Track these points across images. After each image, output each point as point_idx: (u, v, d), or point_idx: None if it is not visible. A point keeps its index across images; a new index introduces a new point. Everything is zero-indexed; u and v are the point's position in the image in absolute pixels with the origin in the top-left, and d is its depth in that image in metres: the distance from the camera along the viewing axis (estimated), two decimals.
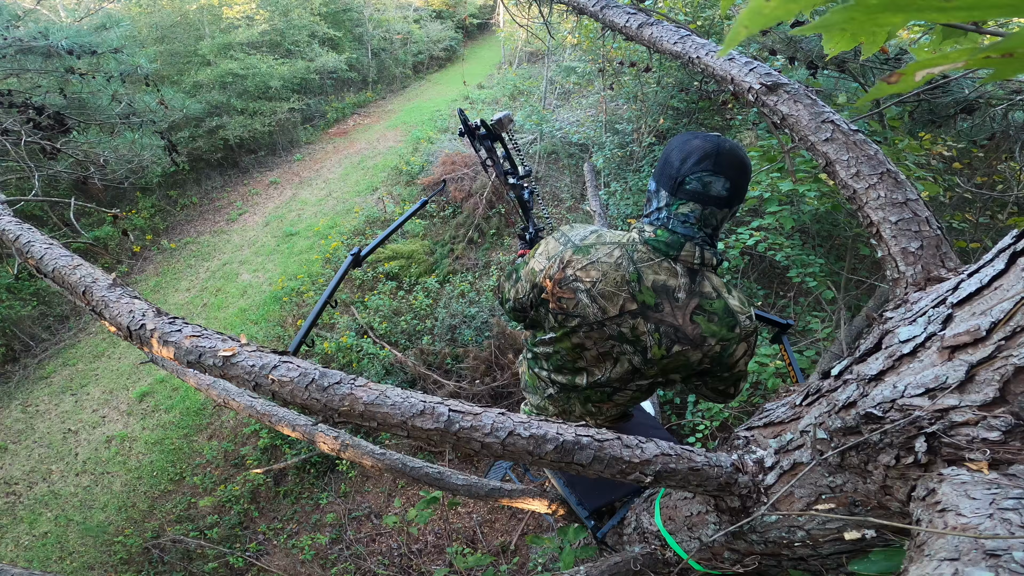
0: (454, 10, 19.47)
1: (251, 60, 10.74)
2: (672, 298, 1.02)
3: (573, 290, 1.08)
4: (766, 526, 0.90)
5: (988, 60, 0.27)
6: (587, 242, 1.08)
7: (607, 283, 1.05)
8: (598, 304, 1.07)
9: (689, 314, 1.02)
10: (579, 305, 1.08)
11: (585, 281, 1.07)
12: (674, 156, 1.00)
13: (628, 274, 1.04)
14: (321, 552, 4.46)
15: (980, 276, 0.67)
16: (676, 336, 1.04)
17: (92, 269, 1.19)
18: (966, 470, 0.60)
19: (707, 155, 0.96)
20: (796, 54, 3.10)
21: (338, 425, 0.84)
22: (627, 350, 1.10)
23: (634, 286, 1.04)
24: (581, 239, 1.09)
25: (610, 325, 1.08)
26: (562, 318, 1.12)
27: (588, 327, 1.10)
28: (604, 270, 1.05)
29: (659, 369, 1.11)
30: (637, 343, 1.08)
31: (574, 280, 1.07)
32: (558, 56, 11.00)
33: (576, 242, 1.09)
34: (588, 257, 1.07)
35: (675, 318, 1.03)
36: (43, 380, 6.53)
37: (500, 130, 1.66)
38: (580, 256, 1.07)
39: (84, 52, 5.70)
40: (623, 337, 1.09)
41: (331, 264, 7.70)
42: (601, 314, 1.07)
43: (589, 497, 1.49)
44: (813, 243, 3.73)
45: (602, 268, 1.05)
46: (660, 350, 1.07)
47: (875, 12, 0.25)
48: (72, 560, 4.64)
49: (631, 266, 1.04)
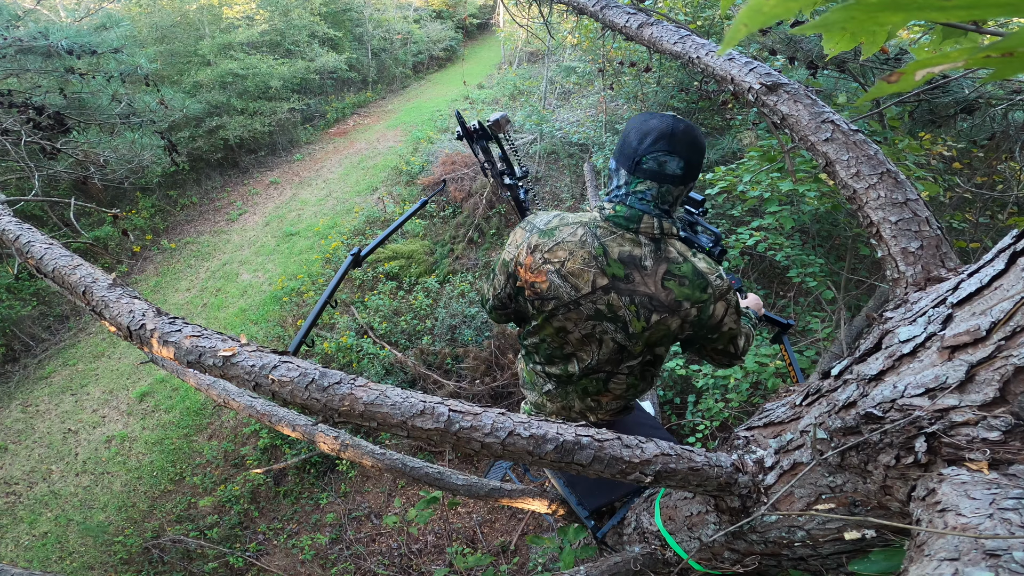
0: (454, 10, 19.48)
1: (251, 60, 10.74)
2: (640, 267, 1.05)
3: (544, 272, 1.11)
4: (766, 526, 0.90)
5: (988, 59, 0.27)
6: (551, 225, 1.11)
7: (575, 261, 1.08)
8: (569, 283, 1.09)
9: (660, 280, 1.05)
10: (552, 287, 1.11)
11: (554, 262, 1.10)
12: (632, 136, 1.03)
13: (594, 249, 1.07)
14: (321, 552, 4.46)
15: (980, 276, 0.67)
16: (652, 305, 1.06)
17: (92, 269, 1.19)
18: (966, 470, 0.60)
19: (662, 135, 0.99)
20: (796, 54, 3.10)
21: (338, 425, 0.84)
22: (608, 328, 1.12)
23: (601, 260, 1.06)
24: (545, 223, 1.13)
25: (585, 303, 1.10)
26: (539, 303, 1.15)
27: (565, 308, 1.13)
28: (570, 249, 1.08)
29: (644, 343, 1.13)
30: (616, 319, 1.10)
31: (544, 263, 1.10)
32: (558, 56, 11.00)
33: (540, 227, 1.13)
34: (553, 239, 1.10)
35: (647, 286, 1.06)
36: (43, 380, 6.53)
37: (497, 131, 1.66)
38: (546, 239, 1.11)
39: (84, 52, 5.69)
40: (601, 315, 1.11)
41: (331, 264, 7.70)
42: (574, 292, 1.10)
43: (589, 497, 1.49)
44: (813, 243, 3.73)
45: (568, 247, 1.08)
46: (640, 322, 1.08)
47: (875, 11, 0.25)
48: (72, 560, 4.64)
49: (595, 241, 1.07)
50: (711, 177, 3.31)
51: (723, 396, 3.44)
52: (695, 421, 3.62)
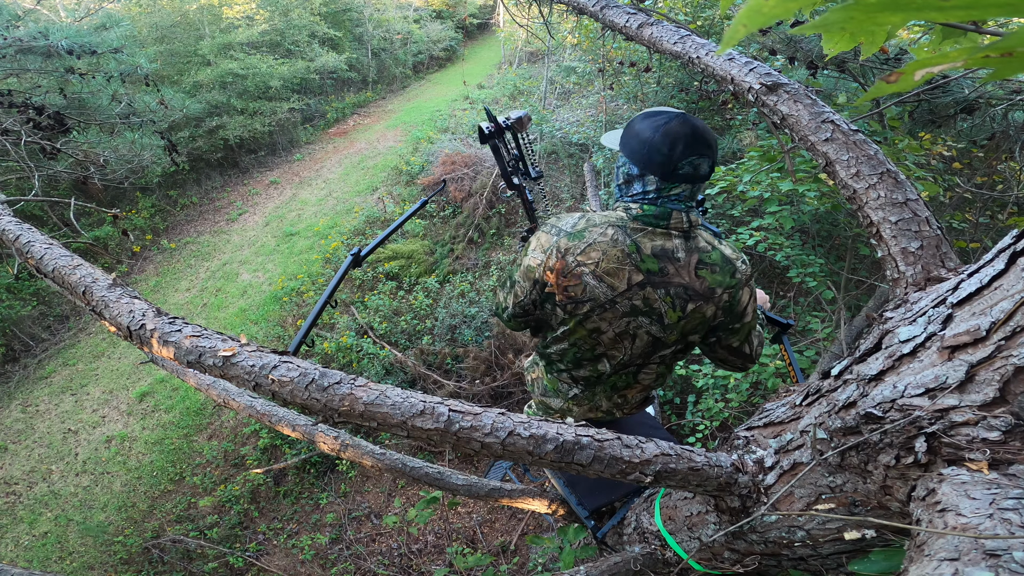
0: (454, 10, 19.48)
1: (251, 60, 10.74)
2: (673, 259, 1.08)
3: (578, 275, 1.09)
4: (766, 526, 0.90)
5: (987, 59, 0.27)
6: (578, 227, 1.10)
7: (609, 260, 1.07)
8: (605, 283, 1.08)
9: (693, 270, 1.08)
10: (587, 289, 1.10)
11: (588, 264, 1.08)
12: (659, 142, 1.02)
13: (626, 247, 1.07)
14: (321, 552, 4.46)
15: (980, 276, 0.67)
16: (687, 294, 1.09)
17: (92, 269, 1.19)
18: (966, 470, 0.60)
19: (692, 139, 1.01)
20: (796, 54, 3.10)
21: (338, 425, 0.84)
22: (643, 323, 1.12)
23: (635, 257, 1.07)
24: (572, 226, 1.11)
25: (621, 301, 1.10)
26: (572, 307, 1.13)
27: (600, 308, 1.11)
28: (603, 249, 1.07)
29: (678, 333, 1.14)
30: (652, 312, 1.11)
31: (577, 265, 1.09)
32: (558, 56, 11.00)
33: (567, 229, 1.11)
34: (584, 240, 1.09)
35: (681, 277, 1.08)
36: (43, 380, 6.53)
37: (519, 129, 1.63)
38: (576, 241, 1.09)
39: (84, 52, 5.69)
40: (636, 310, 1.11)
41: (331, 264, 7.70)
42: (610, 291, 1.09)
43: (589, 497, 1.49)
44: (813, 243, 3.73)
45: (600, 247, 1.07)
46: (675, 312, 1.10)
47: (874, 11, 0.25)
48: (72, 560, 4.64)
49: (627, 239, 1.07)
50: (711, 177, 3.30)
51: (723, 396, 3.45)
52: (695, 421, 3.62)
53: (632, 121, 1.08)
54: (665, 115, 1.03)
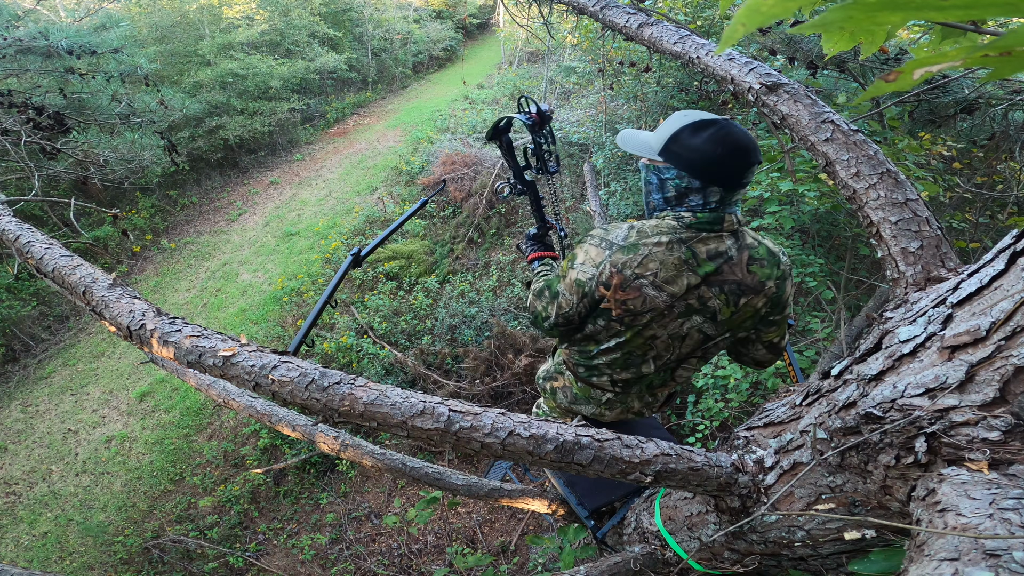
0: (454, 10, 19.48)
1: (251, 60, 10.74)
2: (727, 259, 1.10)
3: (637, 288, 1.09)
4: (766, 526, 0.90)
5: (986, 59, 0.27)
6: (631, 240, 1.10)
7: (667, 269, 1.08)
8: (665, 291, 1.10)
9: (745, 267, 1.11)
10: (646, 300, 1.10)
11: (646, 276, 1.09)
12: (725, 157, 1.03)
13: (682, 254, 1.08)
14: (321, 552, 4.46)
15: (980, 276, 0.67)
16: (740, 290, 1.12)
17: (92, 269, 1.19)
18: (966, 470, 0.60)
19: (750, 149, 1.04)
20: (796, 54, 3.10)
21: (338, 425, 0.84)
22: (697, 321, 1.14)
23: (691, 263, 1.09)
24: (623, 238, 1.10)
25: (678, 304, 1.12)
26: (629, 319, 1.13)
27: (659, 315, 1.13)
28: (660, 258, 1.08)
29: (728, 327, 1.17)
30: (706, 310, 1.13)
31: (635, 278, 1.09)
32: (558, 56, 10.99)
33: (619, 242, 1.10)
34: (639, 252, 1.08)
35: (735, 274, 1.11)
36: (43, 380, 6.53)
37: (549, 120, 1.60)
38: (631, 254, 1.08)
39: (84, 52, 5.69)
40: (691, 309, 1.12)
41: (331, 264, 7.70)
42: (669, 299, 1.10)
43: (589, 497, 1.49)
44: (813, 243, 3.73)
45: (657, 257, 1.08)
46: (728, 308, 1.13)
47: (874, 11, 0.25)
48: (72, 560, 4.64)
49: (682, 247, 1.09)
50: None
51: (723, 396, 3.44)
52: (695, 421, 3.62)
53: (680, 134, 1.06)
54: (717, 126, 1.03)
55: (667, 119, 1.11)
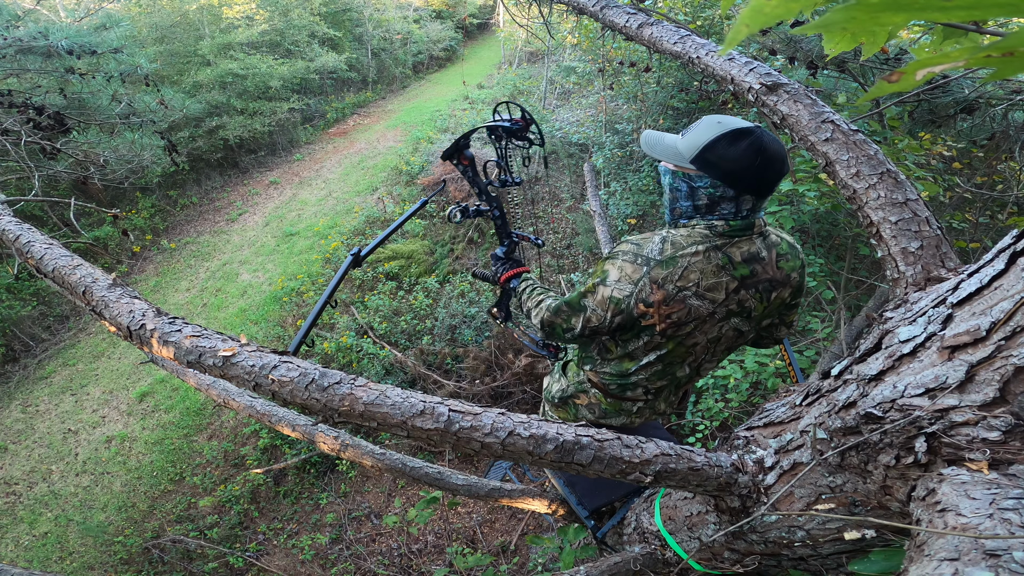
0: (454, 10, 19.48)
1: (251, 60, 10.74)
2: (760, 259, 1.13)
3: (682, 300, 1.08)
4: (766, 526, 0.90)
5: (989, 59, 0.27)
6: (667, 253, 1.08)
7: (707, 277, 1.09)
8: (707, 299, 1.10)
9: (775, 264, 1.15)
10: (691, 311, 1.10)
11: (688, 287, 1.08)
12: (763, 173, 1.04)
13: (719, 261, 1.09)
14: (321, 552, 4.46)
15: (980, 276, 0.67)
16: (772, 286, 1.16)
17: (92, 269, 1.19)
18: (966, 470, 0.60)
19: (783, 157, 1.05)
20: (796, 54, 3.10)
21: (338, 425, 0.84)
22: (734, 322, 1.17)
23: (729, 268, 1.10)
24: (659, 252, 1.09)
25: (719, 310, 1.13)
26: (672, 331, 1.13)
27: (702, 323, 1.14)
28: (699, 268, 1.08)
29: (760, 321, 1.21)
30: (743, 311, 1.16)
31: (678, 292, 1.08)
32: (558, 56, 11.00)
33: (656, 256, 1.08)
34: (679, 265, 1.07)
35: (767, 273, 1.14)
36: (43, 380, 6.53)
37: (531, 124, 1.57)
38: (671, 268, 1.07)
39: (84, 52, 5.69)
40: (731, 313, 1.15)
41: (331, 264, 7.70)
42: (712, 306, 1.11)
43: (589, 497, 1.49)
44: (813, 243, 3.73)
45: (697, 268, 1.08)
46: (762, 304, 1.17)
47: (876, 11, 0.25)
48: (72, 560, 4.64)
49: (718, 253, 1.09)
50: None
51: (723, 396, 3.45)
52: (695, 421, 3.62)
53: (716, 144, 1.04)
54: (754, 136, 1.02)
55: (697, 124, 1.10)
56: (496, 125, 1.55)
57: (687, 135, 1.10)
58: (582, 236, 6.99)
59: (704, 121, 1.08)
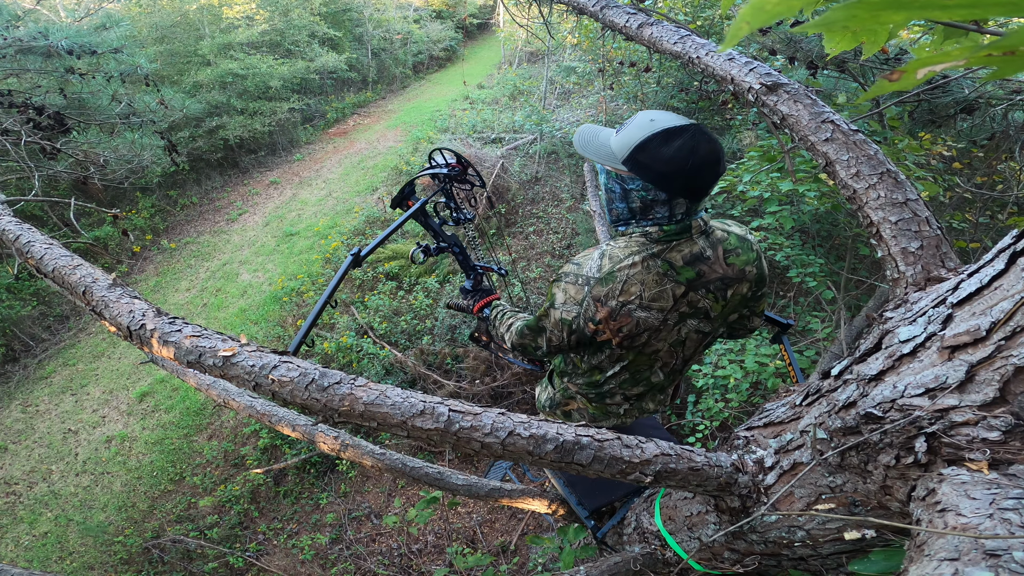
0: (454, 10, 19.48)
1: (251, 60, 10.73)
2: (704, 259, 1.09)
3: (627, 314, 1.07)
4: (766, 526, 0.90)
5: (989, 58, 0.27)
6: (605, 269, 1.06)
7: (649, 287, 1.06)
8: (654, 309, 1.08)
9: (723, 261, 1.11)
10: (640, 322, 1.09)
11: (631, 300, 1.06)
12: (697, 174, 1.00)
13: (659, 268, 1.06)
14: (321, 552, 4.46)
15: (980, 276, 0.67)
16: (725, 284, 1.12)
17: (92, 269, 1.19)
18: (966, 470, 0.60)
19: (718, 157, 1.01)
20: (796, 54, 3.10)
21: (338, 425, 0.84)
22: (692, 324, 1.15)
23: (672, 274, 1.07)
24: (597, 269, 1.07)
25: (671, 315, 1.11)
26: (628, 342, 1.12)
27: (656, 331, 1.12)
28: (639, 280, 1.05)
29: (722, 319, 1.19)
30: (698, 312, 1.14)
31: (622, 306, 1.06)
32: (558, 56, 11.00)
33: (595, 275, 1.07)
34: (617, 280, 1.05)
35: (715, 271, 1.11)
36: (43, 380, 6.53)
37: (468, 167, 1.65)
38: (610, 284, 1.06)
39: (84, 52, 5.69)
40: (685, 315, 1.13)
41: (331, 264, 7.70)
42: (660, 314, 1.09)
43: (589, 497, 1.49)
44: (813, 243, 3.73)
45: (637, 279, 1.05)
46: (719, 303, 1.14)
47: (877, 10, 0.25)
48: (72, 560, 4.64)
49: (657, 260, 1.06)
50: None
51: (723, 396, 3.44)
52: (695, 421, 3.62)
53: (648, 144, 0.99)
54: (686, 134, 0.98)
55: (631, 121, 1.05)
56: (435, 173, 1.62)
57: (620, 132, 1.05)
58: (582, 236, 6.99)
59: (637, 118, 1.04)
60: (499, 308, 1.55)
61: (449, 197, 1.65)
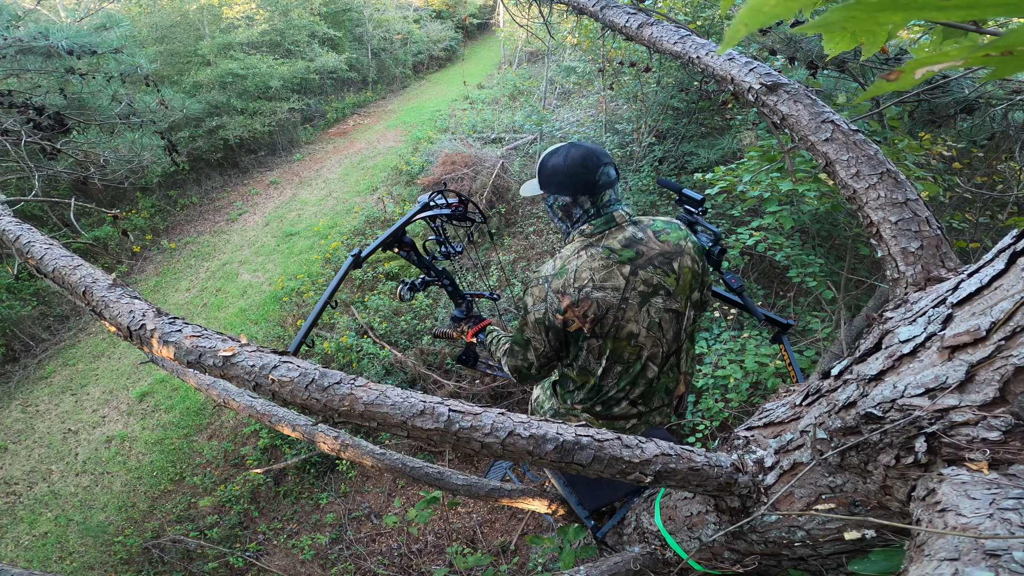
0: (454, 10, 19.48)
1: (251, 60, 10.73)
2: (638, 240, 1.26)
3: (586, 296, 1.22)
4: (766, 526, 0.90)
5: (988, 58, 0.27)
6: (558, 267, 1.26)
7: (597, 271, 1.22)
8: (608, 287, 1.22)
9: (656, 239, 1.28)
10: (599, 303, 1.22)
11: (586, 284, 1.22)
12: (574, 167, 1.24)
13: (602, 254, 1.24)
14: (321, 552, 4.46)
15: (980, 276, 0.67)
16: (667, 258, 1.27)
17: (92, 269, 1.19)
18: (966, 470, 0.60)
19: (594, 155, 1.25)
20: (796, 54, 3.10)
21: (338, 425, 0.84)
22: (657, 302, 1.27)
23: (613, 256, 1.24)
24: (552, 270, 1.26)
25: (631, 294, 1.24)
26: (599, 327, 1.24)
27: (618, 310, 1.24)
28: (588, 266, 1.22)
29: (684, 295, 1.30)
30: (657, 288, 1.26)
31: (579, 291, 1.22)
32: (558, 56, 11.00)
33: (552, 273, 1.26)
34: (569, 271, 1.23)
35: (653, 248, 1.27)
36: (43, 380, 6.53)
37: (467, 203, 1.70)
38: (564, 276, 1.23)
39: (84, 52, 5.68)
40: (645, 295, 1.25)
41: (331, 264, 7.70)
42: (616, 292, 1.23)
43: (589, 497, 1.49)
44: (813, 243, 3.73)
45: (585, 267, 1.23)
46: (671, 277, 1.27)
47: (876, 11, 0.25)
48: (72, 560, 4.64)
49: (598, 248, 1.25)
50: (711, 177, 3.30)
51: (723, 396, 3.44)
52: (695, 421, 3.62)
53: (542, 165, 1.29)
54: (563, 147, 1.26)
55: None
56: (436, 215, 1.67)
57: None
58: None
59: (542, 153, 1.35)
60: (495, 333, 1.66)
61: (439, 233, 1.71)
